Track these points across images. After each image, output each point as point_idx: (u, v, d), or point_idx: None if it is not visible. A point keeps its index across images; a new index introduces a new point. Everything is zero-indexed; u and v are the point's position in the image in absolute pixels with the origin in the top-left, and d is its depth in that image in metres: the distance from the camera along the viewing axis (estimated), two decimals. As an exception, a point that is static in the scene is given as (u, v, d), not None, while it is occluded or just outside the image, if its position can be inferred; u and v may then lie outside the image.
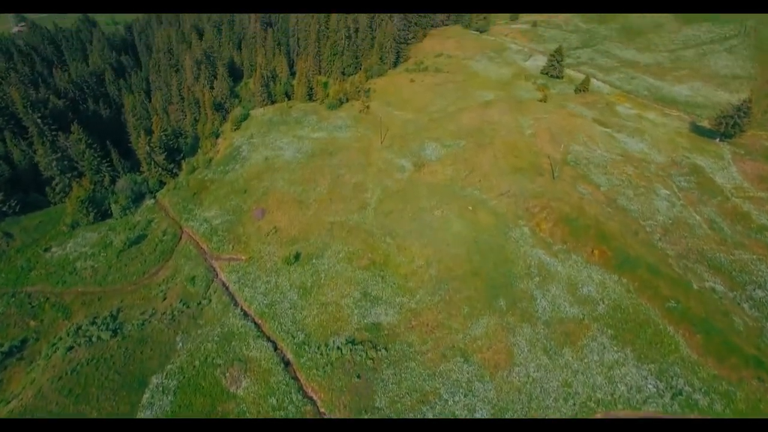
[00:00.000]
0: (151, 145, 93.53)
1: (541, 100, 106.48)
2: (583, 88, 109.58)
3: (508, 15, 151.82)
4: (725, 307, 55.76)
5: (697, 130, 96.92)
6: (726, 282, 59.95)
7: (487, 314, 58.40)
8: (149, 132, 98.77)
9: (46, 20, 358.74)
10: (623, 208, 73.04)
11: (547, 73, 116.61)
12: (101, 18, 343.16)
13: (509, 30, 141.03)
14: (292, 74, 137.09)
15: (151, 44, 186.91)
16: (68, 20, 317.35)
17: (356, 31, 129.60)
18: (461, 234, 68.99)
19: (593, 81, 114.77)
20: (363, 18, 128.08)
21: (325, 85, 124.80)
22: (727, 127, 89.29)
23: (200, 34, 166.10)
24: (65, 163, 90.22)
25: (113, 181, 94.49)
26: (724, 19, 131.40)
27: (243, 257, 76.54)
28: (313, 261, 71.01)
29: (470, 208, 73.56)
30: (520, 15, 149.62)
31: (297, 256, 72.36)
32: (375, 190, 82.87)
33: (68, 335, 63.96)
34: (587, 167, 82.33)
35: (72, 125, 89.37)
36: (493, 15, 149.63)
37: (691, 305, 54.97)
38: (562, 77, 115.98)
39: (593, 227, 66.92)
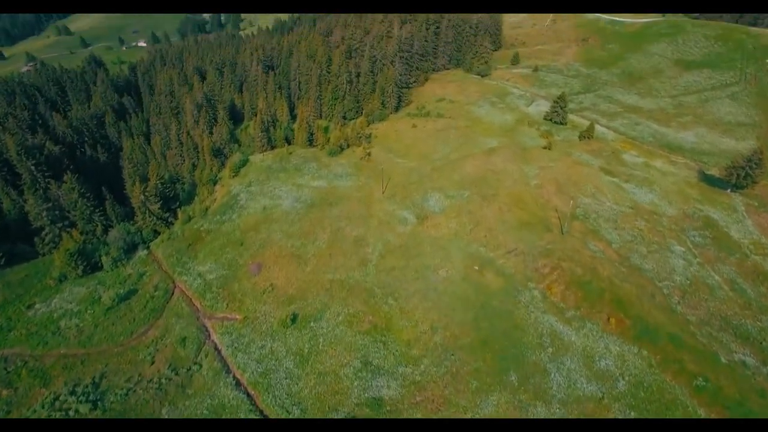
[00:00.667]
0: (146, 193, 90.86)
1: (545, 148, 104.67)
2: (587, 134, 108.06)
3: (509, 59, 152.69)
4: (760, 385, 51.35)
5: (707, 179, 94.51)
6: (756, 354, 55.72)
7: (498, 390, 53.87)
8: (145, 179, 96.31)
9: (54, 59, 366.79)
10: (637, 267, 69.46)
11: (550, 119, 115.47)
12: (108, 57, 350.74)
13: (510, 74, 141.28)
14: (293, 118, 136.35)
15: (154, 85, 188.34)
16: (75, 60, 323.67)
17: (358, 75, 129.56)
18: (468, 297, 65.15)
19: (597, 127, 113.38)
20: (365, 62, 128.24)
21: (326, 129, 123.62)
22: (738, 178, 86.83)
23: (202, 76, 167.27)
24: (56, 212, 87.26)
25: (106, 231, 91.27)
26: (724, 65, 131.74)
27: (237, 317, 72.45)
28: (311, 324, 66.87)
29: (476, 267, 69.97)
30: (521, 59, 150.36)
31: (294, 318, 68.27)
32: (376, 245, 79.52)
33: (43, 407, 59.16)
34: (597, 221, 79.26)
35: (65, 174, 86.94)
36: (494, 59, 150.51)
37: (722, 384, 50.60)
38: (566, 123, 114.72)
39: (608, 291, 63.16)
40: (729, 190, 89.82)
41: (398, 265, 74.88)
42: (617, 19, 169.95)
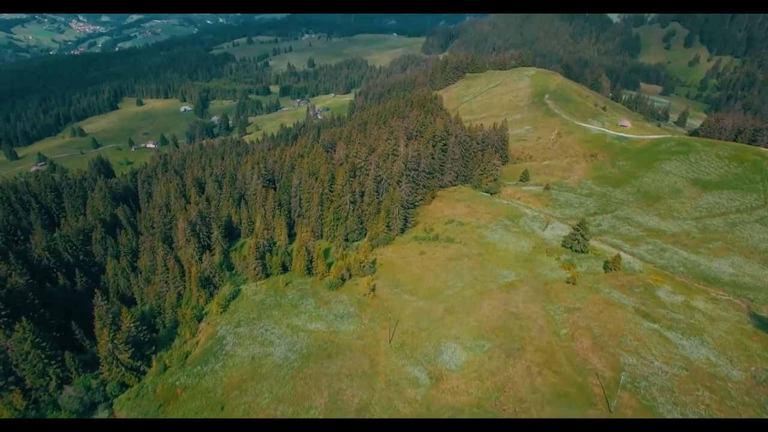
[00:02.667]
0: (116, 341, 78.39)
1: (569, 282, 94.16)
2: (614, 266, 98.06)
3: (518, 175, 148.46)
4: None
5: (764, 325, 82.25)
6: None
7: None
8: (118, 318, 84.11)
9: (65, 159, 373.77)
10: (716, 467, 54.66)
11: (570, 247, 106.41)
12: (116, 158, 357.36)
13: (521, 193, 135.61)
14: (292, 236, 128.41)
15: (152, 193, 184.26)
16: (84, 160, 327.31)
17: (362, 194, 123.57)
18: None
19: (621, 253, 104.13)
20: (369, 182, 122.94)
21: (326, 252, 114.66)
22: (803, 330, 74.77)
23: (201, 187, 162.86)
24: None
25: (61, 386, 77.20)
26: (745, 187, 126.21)
27: None
28: None
29: (512, 467, 55.26)
30: (531, 176, 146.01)
31: None
32: (382, 417, 65.28)
33: None
34: (649, 391, 65.74)
35: (18, 323, 75.03)
36: (502, 175, 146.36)
37: None
38: (587, 251, 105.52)
39: None
40: (793, 342, 77.23)
41: (410, 450, 60.10)
42: (623, 135, 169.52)
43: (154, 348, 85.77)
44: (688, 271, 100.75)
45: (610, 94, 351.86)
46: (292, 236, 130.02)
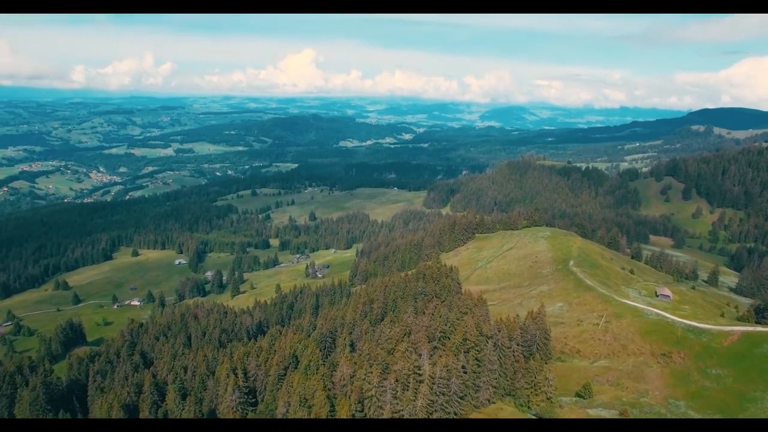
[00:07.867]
0: None
1: None
2: None
3: (570, 384, 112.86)
4: None
5: None
6: None
7: None
8: None
9: (37, 318, 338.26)
10: None
11: None
12: (93, 317, 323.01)
13: (587, 418, 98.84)
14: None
15: (106, 389, 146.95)
16: (57, 319, 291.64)
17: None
18: None
19: None
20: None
21: None
22: None
23: (162, 394, 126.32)
24: None
25: None
26: None
27: None
28: None
29: None
30: (593, 388, 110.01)
31: None
32: None
33: None
34: None
35: None
36: (554, 389, 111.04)
37: None
38: None
39: None
40: None
41: None
42: (695, 324, 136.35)
43: None
44: None
45: (627, 250, 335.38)
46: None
